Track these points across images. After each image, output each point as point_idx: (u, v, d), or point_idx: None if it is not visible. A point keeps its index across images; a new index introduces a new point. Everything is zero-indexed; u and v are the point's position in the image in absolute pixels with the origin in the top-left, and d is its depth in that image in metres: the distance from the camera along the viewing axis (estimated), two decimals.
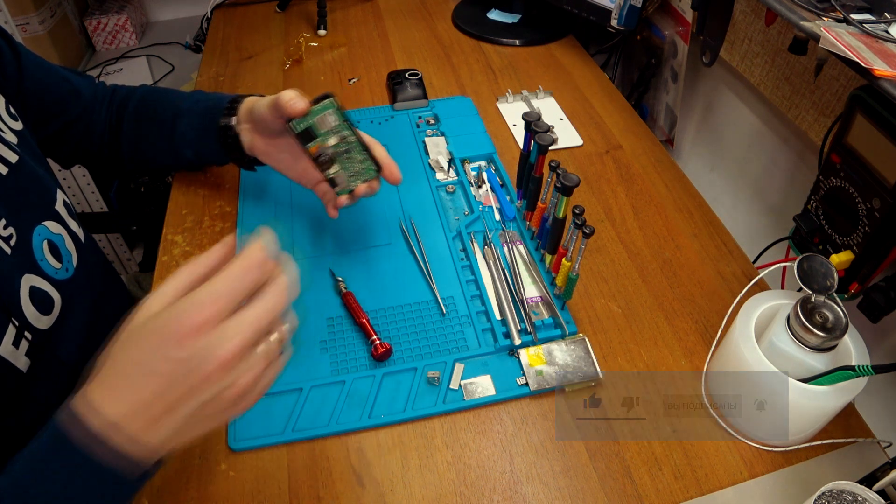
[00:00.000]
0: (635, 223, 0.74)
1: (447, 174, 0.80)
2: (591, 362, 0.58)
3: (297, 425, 0.55)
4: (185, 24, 1.48)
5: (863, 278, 0.57)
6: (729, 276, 0.68)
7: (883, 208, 0.52)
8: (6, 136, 0.57)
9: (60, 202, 0.61)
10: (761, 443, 0.54)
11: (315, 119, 0.58)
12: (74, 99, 0.70)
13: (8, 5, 1.13)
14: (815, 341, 0.48)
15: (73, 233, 0.62)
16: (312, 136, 0.59)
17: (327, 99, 0.58)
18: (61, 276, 0.58)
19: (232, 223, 0.74)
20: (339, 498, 0.51)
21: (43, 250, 0.56)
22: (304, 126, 0.58)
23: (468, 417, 0.56)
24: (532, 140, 0.64)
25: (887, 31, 0.52)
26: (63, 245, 0.60)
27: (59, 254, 0.59)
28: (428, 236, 0.71)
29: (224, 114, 0.66)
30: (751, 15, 0.79)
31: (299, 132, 0.59)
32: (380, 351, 0.58)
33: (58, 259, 0.58)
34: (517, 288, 0.64)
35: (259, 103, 0.63)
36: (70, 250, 0.61)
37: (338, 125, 0.59)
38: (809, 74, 0.71)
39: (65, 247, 0.60)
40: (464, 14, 1.16)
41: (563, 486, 0.51)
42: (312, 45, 1.08)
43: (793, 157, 0.80)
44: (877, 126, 0.52)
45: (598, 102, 0.94)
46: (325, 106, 0.58)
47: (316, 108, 0.58)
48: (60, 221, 0.60)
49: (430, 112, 0.91)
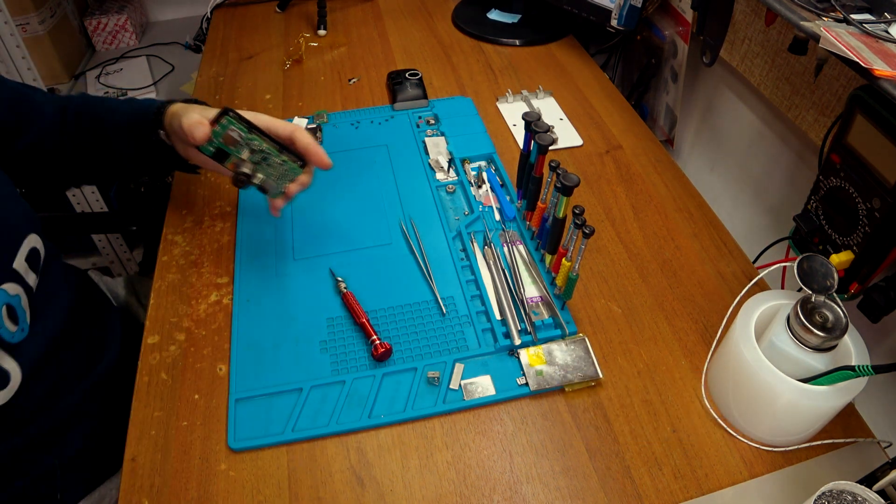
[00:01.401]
0: (635, 223, 0.74)
1: (447, 174, 0.80)
2: (591, 362, 0.58)
3: (297, 425, 0.55)
4: (185, 24, 1.49)
5: (863, 278, 0.57)
6: (729, 276, 0.68)
7: (883, 208, 0.52)
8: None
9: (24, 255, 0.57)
10: (761, 443, 0.54)
11: (220, 139, 0.58)
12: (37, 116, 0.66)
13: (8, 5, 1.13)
14: (815, 341, 0.48)
15: (29, 287, 0.58)
16: (225, 155, 0.59)
17: (225, 116, 0.58)
18: (17, 338, 0.55)
19: (232, 223, 0.74)
20: (339, 498, 0.51)
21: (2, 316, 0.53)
22: (214, 147, 0.58)
23: (468, 417, 0.56)
24: (532, 140, 0.64)
25: (887, 31, 0.52)
26: (19, 305, 0.56)
27: (16, 316, 0.55)
28: (428, 236, 0.71)
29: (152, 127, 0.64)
30: (751, 15, 0.79)
31: (212, 154, 0.59)
32: (380, 351, 0.58)
33: (14, 322, 0.55)
34: (517, 288, 0.64)
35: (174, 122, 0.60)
36: (25, 308, 0.57)
37: (245, 137, 0.59)
38: (809, 74, 0.71)
39: (21, 307, 0.56)
40: (464, 14, 1.16)
41: (563, 486, 0.51)
42: (312, 45, 1.08)
43: (793, 157, 0.80)
44: (877, 126, 0.52)
45: (598, 102, 0.94)
46: (224, 124, 0.58)
47: (217, 130, 0.58)
48: (19, 281, 0.56)
49: (430, 112, 0.91)
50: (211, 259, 0.70)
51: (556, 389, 0.57)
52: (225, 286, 0.67)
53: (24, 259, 0.57)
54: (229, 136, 0.58)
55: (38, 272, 0.59)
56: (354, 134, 0.87)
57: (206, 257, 0.70)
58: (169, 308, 0.65)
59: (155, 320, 0.64)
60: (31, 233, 0.59)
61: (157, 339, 0.62)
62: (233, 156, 0.59)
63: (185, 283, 0.67)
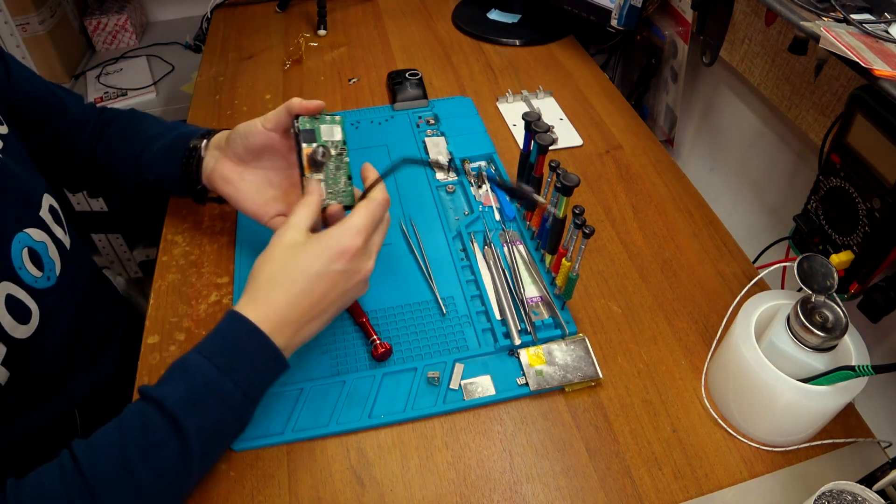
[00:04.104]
0: (635, 223, 0.74)
1: (447, 174, 0.80)
2: (591, 362, 0.58)
3: (297, 425, 0.55)
4: (185, 24, 1.48)
5: (863, 278, 0.57)
6: (729, 276, 0.68)
7: (883, 208, 0.52)
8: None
9: (46, 208, 0.60)
10: (761, 443, 0.54)
11: (322, 126, 0.58)
12: (61, 114, 0.68)
13: (8, 5, 1.13)
14: (815, 341, 0.48)
15: (59, 240, 0.61)
16: (312, 140, 0.59)
17: (340, 116, 0.59)
18: (42, 284, 0.57)
19: (232, 223, 0.74)
20: (339, 498, 0.51)
21: (22, 258, 0.55)
22: (310, 127, 0.58)
23: (468, 417, 0.56)
24: (532, 140, 0.64)
25: (887, 31, 0.52)
26: (46, 253, 0.58)
27: (41, 262, 0.57)
28: (428, 236, 0.71)
29: (197, 137, 0.65)
30: (751, 15, 0.79)
31: (303, 129, 0.58)
32: (380, 351, 0.58)
33: (39, 268, 0.57)
34: (517, 288, 0.64)
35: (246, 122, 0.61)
36: (53, 258, 0.59)
37: (339, 142, 0.59)
38: (809, 74, 0.71)
39: (48, 255, 0.58)
40: (464, 14, 1.16)
41: (563, 486, 0.51)
42: (312, 45, 1.08)
43: (793, 157, 0.80)
44: (877, 126, 0.52)
45: (598, 102, 0.94)
46: (335, 120, 0.59)
47: (328, 117, 0.58)
48: (45, 228, 0.59)
49: (430, 112, 0.91)
50: (211, 259, 0.70)
51: (556, 389, 0.57)
52: (225, 286, 0.67)
53: (48, 211, 0.60)
54: (332, 130, 0.58)
55: (63, 228, 0.63)
56: (354, 134, 0.87)
57: (206, 257, 0.70)
58: (169, 308, 0.65)
59: (155, 320, 0.64)
60: (45, 192, 0.61)
61: (157, 339, 0.62)
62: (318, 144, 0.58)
63: (185, 283, 0.67)
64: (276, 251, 0.50)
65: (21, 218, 0.57)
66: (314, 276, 0.49)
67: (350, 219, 0.51)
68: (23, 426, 0.58)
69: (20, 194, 0.57)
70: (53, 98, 0.68)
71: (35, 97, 0.66)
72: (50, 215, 0.60)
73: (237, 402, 0.47)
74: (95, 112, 0.72)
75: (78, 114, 0.70)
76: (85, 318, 0.64)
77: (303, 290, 0.49)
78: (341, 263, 0.50)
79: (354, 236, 0.50)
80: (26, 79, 0.65)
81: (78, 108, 0.70)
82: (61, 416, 0.62)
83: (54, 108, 0.68)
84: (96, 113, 0.72)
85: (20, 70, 0.64)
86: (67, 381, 0.62)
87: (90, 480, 0.42)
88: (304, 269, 0.49)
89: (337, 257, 0.49)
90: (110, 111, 0.72)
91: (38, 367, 0.57)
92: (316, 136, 0.58)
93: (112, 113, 0.72)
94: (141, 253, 1.52)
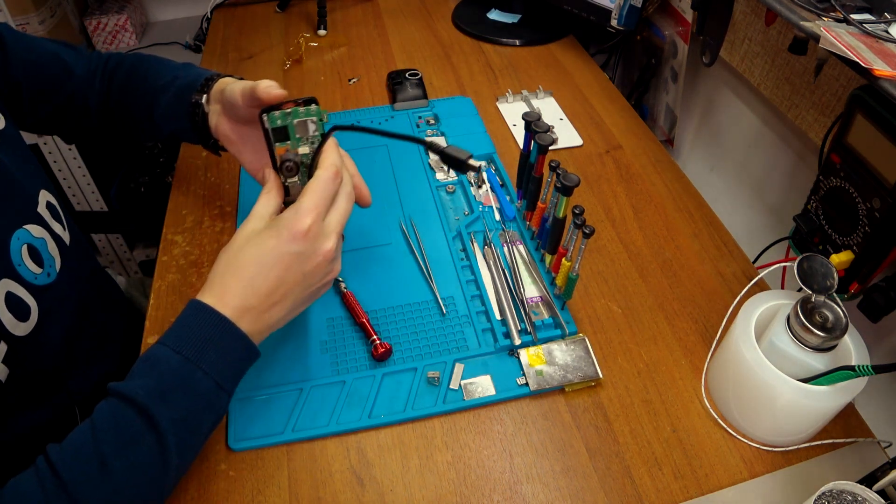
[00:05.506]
0: (635, 223, 0.74)
1: (447, 174, 0.80)
2: (591, 362, 0.58)
3: (297, 425, 0.55)
4: (185, 24, 1.48)
5: (863, 278, 0.57)
6: (729, 276, 0.68)
7: (883, 208, 0.52)
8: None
9: (44, 204, 0.60)
10: (761, 443, 0.54)
11: (295, 121, 0.53)
12: (67, 77, 0.67)
13: (8, 5, 1.13)
14: (815, 341, 0.48)
15: (58, 236, 0.60)
16: (285, 138, 0.54)
17: (314, 105, 0.53)
18: (41, 281, 0.57)
19: (232, 223, 0.74)
20: (339, 498, 0.51)
21: (21, 255, 0.55)
22: (281, 124, 0.53)
23: (468, 417, 0.56)
24: (532, 140, 0.64)
25: (887, 31, 0.52)
26: (45, 250, 0.58)
27: (41, 258, 0.57)
28: (428, 236, 0.71)
29: (197, 90, 0.64)
30: (751, 15, 0.79)
31: (274, 128, 0.53)
32: (380, 351, 0.58)
33: (38, 264, 0.57)
34: (517, 288, 0.64)
35: (232, 86, 0.58)
36: (53, 255, 0.59)
37: (315, 136, 0.54)
38: (809, 74, 0.71)
39: (47, 251, 0.58)
40: (464, 14, 1.16)
41: (563, 486, 0.51)
42: (312, 45, 1.08)
43: (793, 157, 0.80)
44: (877, 126, 0.52)
45: (598, 102, 0.94)
46: (310, 112, 0.53)
47: (300, 111, 0.53)
48: (43, 225, 0.59)
49: (430, 112, 0.91)
50: (211, 259, 0.70)
51: (556, 389, 0.57)
52: None
53: (46, 207, 0.60)
54: (305, 125, 0.54)
55: (63, 224, 0.62)
56: (354, 133, 0.87)
57: (206, 257, 0.70)
58: (169, 308, 0.65)
59: (155, 320, 0.64)
60: (43, 188, 0.61)
61: (157, 339, 0.62)
62: (290, 143, 0.54)
63: (185, 283, 0.67)
64: (235, 241, 0.50)
65: (20, 214, 0.56)
66: (267, 260, 0.48)
67: (298, 200, 0.50)
68: (23, 424, 0.58)
69: (17, 191, 0.57)
70: (56, 61, 0.67)
71: (38, 65, 0.65)
72: (48, 211, 0.60)
73: (207, 389, 0.46)
74: (101, 61, 0.71)
75: (83, 71, 0.69)
76: (85, 316, 0.64)
77: (257, 274, 0.48)
78: (295, 245, 0.48)
79: (302, 217, 0.49)
80: (25, 48, 0.64)
81: (82, 65, 0.69)
82: (62, 414, 0.62)
83: (59, 72, 0.67)
84: (102, 62, 0.71)
85: (16, 41, 0.64)
86: (68, 379, 0.62)
87: (67, 483, 0.41)
88: (255, 255, 0.49)
89: (289, 240, 0.48)
90: (114, 57, 0.71)
91: (39, 364, 0.57)
92: (288, 134, 0.54)
93: (115, 60, 0.71)
94: (141, 253, 1.52)
